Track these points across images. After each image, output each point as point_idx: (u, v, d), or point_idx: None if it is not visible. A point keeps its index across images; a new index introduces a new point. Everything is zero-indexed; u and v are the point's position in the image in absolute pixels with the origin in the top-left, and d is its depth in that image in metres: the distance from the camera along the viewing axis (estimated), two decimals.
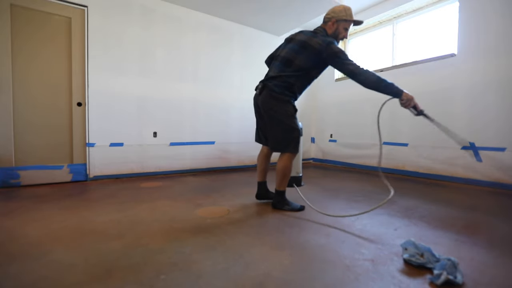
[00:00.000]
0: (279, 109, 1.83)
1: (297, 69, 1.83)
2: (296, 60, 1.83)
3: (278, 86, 1.83)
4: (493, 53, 2.85)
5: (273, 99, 1.83)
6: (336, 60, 1.78)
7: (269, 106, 1.85)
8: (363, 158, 4.19)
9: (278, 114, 1.83)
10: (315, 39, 1.81)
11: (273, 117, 1.85)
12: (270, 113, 1.85)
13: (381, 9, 3.95)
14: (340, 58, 1.77)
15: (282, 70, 1.85)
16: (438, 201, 2.27)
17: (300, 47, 1.84)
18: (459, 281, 1.00)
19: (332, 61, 1.80)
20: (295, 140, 1.87)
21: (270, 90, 1.83)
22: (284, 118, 1.84)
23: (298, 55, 1.83)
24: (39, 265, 1.16)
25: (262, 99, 1.87)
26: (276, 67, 1.88)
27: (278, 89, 1.82)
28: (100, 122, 3.14)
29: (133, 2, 3.33)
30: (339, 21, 1.91)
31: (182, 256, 1.25)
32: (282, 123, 1.84)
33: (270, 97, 1.84)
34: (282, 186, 1.94)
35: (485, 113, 2.91)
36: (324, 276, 1.09)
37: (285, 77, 1.82)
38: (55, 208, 2.01)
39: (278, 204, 1.97)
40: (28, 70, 2.78)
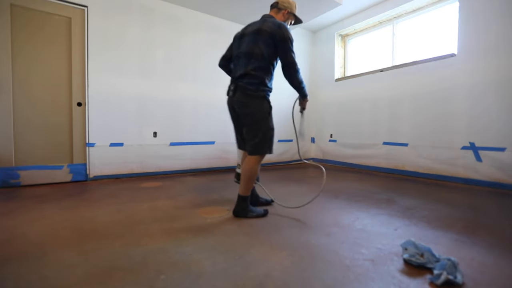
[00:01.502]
0: (255, 107, 1.75)
1: (260, 59, 1.74)
2: (256, 49, 1.73)
3: (251, 83, 1.74)
4: (493, 53, 2.85)
5: (249, 98, 1.74)
6: (284, 45, 1.73)
7: (245, 105, 1.75)
8: (363, 158, 4.19)
9: (255, 114, 1.75)
10: (266, 24, 1.76)
11: (250, 117, 1.76)
12: (247, 113, 1.76)
13: (381, 9, 3.95)
14: (288, 45, 1.73)
15: (248, 65, 1.75)
16: (438, 201, 2.27)
17: (255, 35, 1.75)
18: (459, 281, 1.00)
19: (280, 44, 1.73)
20: (271, 140, 1.80)
21: (244, 88, 1.74)
22: (261, 118, 1.76)
23: (256, 44, 1.74)
24: (39, 265, 1.16)
25: (237, 99, 1.77)
26: (242, 65, 1.78)
27: (253, 86, 1.73)
28: (100, 122, 3.14)
29: (133, 2, 3.33)
30: (290, 14, 1.92)
31: (182, 256, 1.25)
32: (259, 123, 1.76)
33: (246, 96, 1.75)
34: (246, 191, 1.80)
35: (485, 113, 2.91)
36: (324, 276, 1.09)
37: (254, 72, 1.73)
38: (55, 208, 2.01)
39: (241, 211, 1.80)
40: (28, 70, 2.78)
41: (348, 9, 4.18)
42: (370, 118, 4.11)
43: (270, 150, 1.81)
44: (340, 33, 4.75)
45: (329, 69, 4.83)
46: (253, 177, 1.79)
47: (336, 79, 4.71)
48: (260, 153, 1.77)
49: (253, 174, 1.78)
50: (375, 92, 4.02)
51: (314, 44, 5.17)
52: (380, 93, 3.95)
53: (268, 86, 1.81)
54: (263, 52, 1.73)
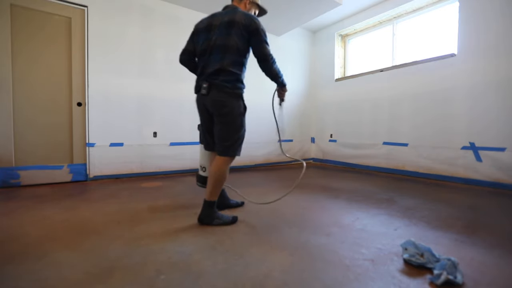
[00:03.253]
0: (233, 107, 1.64)
1: (236, 53, 1.62)
2: (231, 41, 1.60)
3: (227, 80, 1.61)
4: (493, 53, 2.85)
5: (226, 97, 1.62)
6: (258, 37, 1.63)
7: (222, 105, 1.62)
8: (363, 158, 4.19)
9: (232, 114, 1.64)
10: (238, 14, 1.63)
11: (226, 117, 1.64)
12: (224, 113, 1.64)
13: (381, 9, 3.95)
14: (262, 36, 1.64)
15: (223, 60, 1.60)
16: (438, 201, 2.27)
17: (228, 27, 1.61)
18: (459, 281, 1.00)
19: (254, 36, 1.63)
20: (241, 142, 1.71)
21: (221, 86, 1.61)
22: (237, 118, 1.66)
23: (230, 37, 1.60)
24: (39, 265, 1.16)
25: (212, 98, 1.63)
26: (215, 60, 1.62)
27: (230, 84, 1.61)
28: (100, 122, 3.14)
29: (133, 2, 3.33)
30: (253, 3, 1.83)
31: (182, 256, 1.25)
32: (235, 123, 1.66)
33: (223, 94, 1.61)
34: (213, 195, 1.67)
35: (485, 113, 2.91)
36: (324, 276, 1.09)
37: (230, 68, 1.61)
38: (55, 208, 2.01)
39: (206, 218, 1.65)
40: (28, 70, 2.78)
41: (348, 9, 4.18)
42: (370, 118, 4.11)
43: (239, 152, 1.72)
44: (340, 33, 4.75)
45: (329, 69, 4.83)
46: (222, 181, 1.67)
47: (336, 79, 4.71)
48: (231, 154, 1.68)
49: (222, 176, 1.66)
50: (375, 92, 4.02)
51: (314, 44, 5.17)
52: (380, 93, 3.95)
53: (243, 82, 1.71)
54: (238, 45, 1.61)
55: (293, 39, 4.85)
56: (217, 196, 1.69)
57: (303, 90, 5.05)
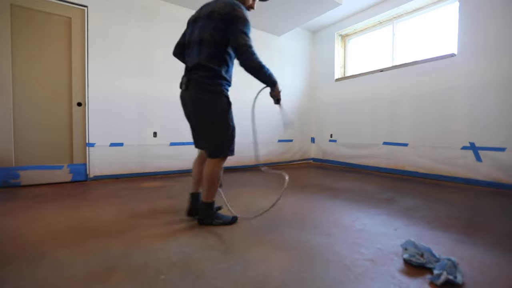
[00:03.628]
0: (212, 104, 1.54)
1: (212, 47, 1.51)
2: (206, 34, 1.51)
3: (205, 76, 1.52)
4: (493, 53, 2.85)
5: (205, 93, 1.53)
6: (234, 26, 1.46)
7: (200, 102, 1.54)
8: (363, 158, 4.19)
9: (213, 112, 1.55)
10: (219, 3, 1.52)
11: (206, 116, 1.56)
12: (202, 111, 1.56)
13: (381, 9, 3.95)
14: (239, 25, 1.46)
15: (200, 54, 1.53)
16: (438, 201, 2.27)
17: (208, 18, 1.53)
18: (459, 281, 1.00)
19: (230, 25, 1.47)
20: (232, 141, 1.62)
21: (199, 82, 1.53)
22: (219, 116, 1.56)
23: (207, 29, 1.52)
24: (39, 265, 1.16)
25: (190, 95, 1.56)
26: (194, 54, 1.56)
27: (208, 80, 1.52)
28: (100, 122, 3.14)
29: (133, 2, 3.33)
30: None
31: (182, 256, 1.25)
32: (217, 122, 1.56)
33: (201, 91, 1.53)
34: (210, 196, 1.64)
35: (485, 113, 2.91)
36: (324, 276, 1.08)
37: (207, 62, 1.51)
38: (55, 208, 2.01)
39: (206, 219, 1.64)
40: (28, 70, 2.78)
41: (348, 9, 4.18)
42: (370, 118, 4.11)
43: (231, 151, 1.62)
44: (340, 33, 4.75)
45: (329, 69, 4.83)
46: (216, 182, 1.63)
47: (336, 79, 4.71)
48: (220, 155, 1.59)
49: (215, 178, 1.61)
50: (375, 92, 4.02)
51: (314, 44, 5.17)
52: (380, 93, 3.95)
53: (226, 78, 1.59)
54: (215, 37, 1.50)
55: (293, 39, 4.85)
56: (214, 196, 1.66)
57: (303, 90, 5.05)
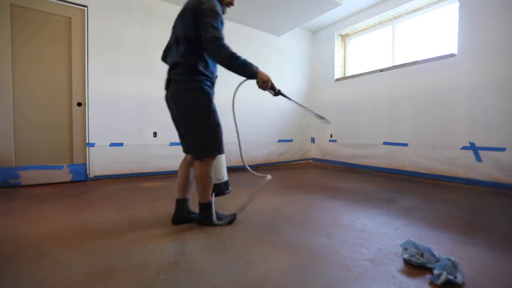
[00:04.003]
0: (191, 102, 1.49)
1: (187, 43, 1.47)
2: (180, 31, 1.50)
3: (182, 74, 1.48)
4: (493, 53, 2.85)
5: (183, 91, 1.49)
6: (201, 19, 1.40)
7: (179, 101, 1.51)
8: (363, 158, 4.19)
9: (192, 110, 1.50)
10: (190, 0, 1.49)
11: (186, 115, 1.52)
12: (182, 110, 1.52)
13: (381, 9, 3.95)
14: (206, 18, 1.39)
15: (177, 52, 1.51)
16: (438, 201, 2.27)
17: (181, 16, 1.51)
18: (459, 281, 1.00)
19: (198, 19, 1.41)
20: (218, 139, 1.55)
21: (176, 81, 1.51)
22: (200, 114, 1.50)
23: (181, 26, 1.50)
24: (39, 265, 1.16)
25: (171, 94, 1.53)
26: (173, 54, 1.55)
27: (183, 77, 1.48)
28: (100, 122, 3.14)
29: (133, 2, 3.33)
30: None
31: (182, 256, 1.25)
32: (198, 121, 1.51)
33: (179, 90, 1.50)
34: (205, 197, 1.60)
35: (485, 113, 2.91)
36: (324, 276, 1.08)
37: (182, 59, 1.48)
38: (55, 208, 2.01)
39: (205, 219, 1.62)
40: (28, 70, 2.78)
41: (348, 9, 4.18)
42: (370, 118, 4.11)
43: (219, 150, 1.56)
44: (340, 33, 4.75)
45: (329, 69, 4.83)
46: (209, 183, 1.59)
47: (336, 79, 4.71)
48: (207, 156, 1.54)
49: (207, 179, 1.57)
50: (375, 92, 4.02)
51: (314, 44, 5.17)
52: (380, 93, 3.95)
53: (205, 74, 1.52)
54: (187, 34, 1.47)
55: (293, 39, 4.85)
56: (210, 196, 1.62)
57: (303, 90, 5.05)
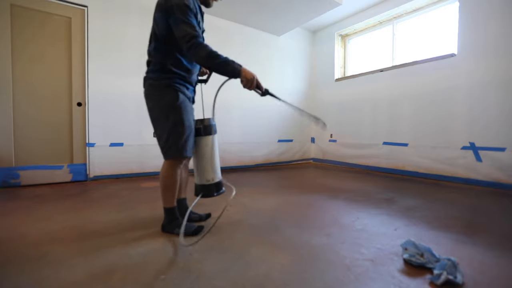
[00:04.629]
0: (158, 100, 1.44)
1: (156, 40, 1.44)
2: (152, 29, 1.47)
3: (151, 71, 1.47)
4: (493, 53, 2.85)
5: (151, 89, 1.46)
6: (173, 17, 1.33)
7: (148, 98, 1.48)
8: (363, 158, 4.19)
9: (158, 107, 1.44)
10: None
11: (152, 112, 1.47)
12: (149, 107, 1.48)
13: (381, 9, 3.95)
14: (177, 14, 1.31)
15: (149, 52, 1.49)
16: (438, 201, 2.27)
17: (154, 12, 1.45)
18: (459, 281, 1.00)
19: (170, 17, 1.34)
20: (182, 140, 1.42)
21: (146, 79, 1.49)
22: (165, 112, 1.42)
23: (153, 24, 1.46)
24: (39, 265, 1.16)
25: (144, 92, 1.51)
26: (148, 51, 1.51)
27: (154, 74, 1.45)
28: (100, 122, 3.14)
29: (133, 2, 3.33)
30: None
31: (182, 256, 1.25)
32: (163, 118, 1.43)
33: (148, 87, 1.47)
34: (166, 202, 1.52)
35: (485, 113, 2.91)
36: (324, 276, 1.08)
37: (151, 58, 1.47)
38: (55, 208, 2.01)
39: (167, 225, 1.53)
40: (28, 70, 2.78)
41: (348, 9, 4.18)
42: (370, 118, 4.11)
43: (183, 152, 1.43)
44: (340, 33, 4.75)
45: (329, 69, 4.83)
46: (170, 186, 1.50)
47: (336, 79, 4.71)
48: (172, 156, 1.45)
49: (169, 182, 1.49)
50: (375, 92, 4.02)
51: (314, 44, 5.17)
52: (380, 93, 3.95)
53: (175, 72, 1.45)
54: (156, 31, 1.43)
55: (293, 39, 4.85)
56: (172, 202, 1.53)
57: (303, 90, 5.05)
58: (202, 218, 1.78)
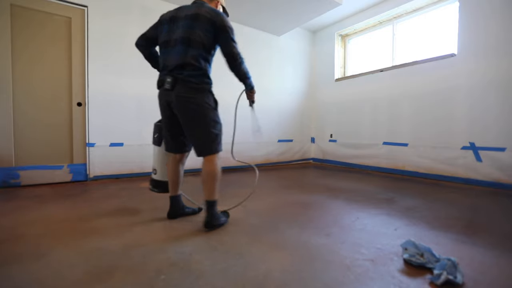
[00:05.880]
0: (202, 103, 1.57)
1: (201, 48, 1.57)
2: (195, 35, 1.55)
3: (193, 75, 1.55)
4: (493, 53, 2.85)
5: (193, 91, 1.55)
6: (225, 35, 1.59)
7: (189, 101, 1.55)
8: (363, 158, 4.19)
9: (203, 110, 1.57)
10: (203, 9, 1.58)
11: (196, 114, 1.56)
12: (191, 110, 1.55)
13: (381, 9, 3.95)
14: (230, 33, 1.59)
15: (186, 54, 1.55)
16: (438, 201, 2.27)
17: (192, 20, 1.56)
18: (459, 281, 1.00)
19: (221, 33, 1.58)
20: (221, 135, 1.66)
21: (186, 82, 1.54)
22: (208, 113, 1.58)
23: (194, 30, 1.55)
24: (39, 265, 1.16)
25: (177, 94, 1.55)
26: (177, 53, 1.57)
27: (196, 79, 1.55)
28: (100, 122, 3.14)
29: (133, 2, 3.33)
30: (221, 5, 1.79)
31: (182, 256, 1.25)
32: (206, 118, 1.58)
33: (189, 90, 1.55)
34: (215, 194, 1.61)
35: (485, 113, 2.91)
36: (324, 276, 1.08)
37: (195, 62, 1.55)
38: (55, 208, 2.01)
39: (214, 220, 1.59)
40: (28, 70, 2.78)
41: (348, 9, 4.18)
42: (370, 118, 4.11)
43: (221, 147, 1.66)
44: (340, 33, 4.75)
45: (329, 69, 4.83)
46: (219, 177, 1.62)
47: (336, 79, 4.71)
48: (214, 151, 1.61)
49: (219, 174, 1.61)
50: (375, 92, 4.02)
51: (314, 44, 5.17)
52: (380, 93, 3.95)
53: (210, 78, 1.66)
54: (202, 39, 1.56)
55: (293, 39, 4.85)
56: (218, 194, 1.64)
57: (303, 90, 5.05)
58: (195, 211, 1.91)
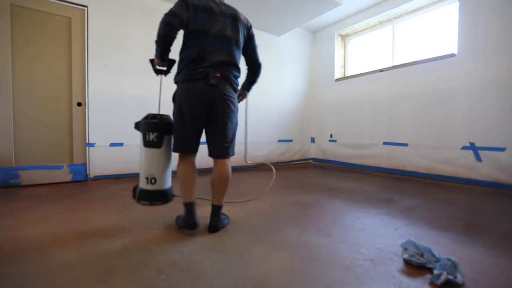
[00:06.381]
0: (236, 104, 1.59)
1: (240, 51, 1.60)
2: (239, 37, 1.54)
3: (236, 76, 1.57)
4: (493, 53, 2.85)
5: (234, 92, 1.57)
6: (255, 43, 1.67)
7: (231, 101, 1.52)
8: (363, 158, 4.19)
9: (235, 111, 1.58)
10: (240, 13, 1.59)
11: (232, 114, 1.54)
12: (230, 111, 1.52)
13: (381, 9, 3.95)
14: (255, 41, 1.68)
15: (233, 53, 1.52)
16: (438, 201, 2.27)
17: (234, 21, 1.53)
18: (459, 281, 1.00)
19: (252, 41, 1.65)
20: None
21: (232, 82, 1.53)
22: (236, 116, 1.61)
23: (238, 32, 1.54)
24: (39, 265, 1.16)
25: (222, 92, 1.47)
26: (224, 50, 1.48)
27: (237, 81, 1.58)
28: (100, 122, 3.14)
29: (133, 2, 3.33)
30: None
31: (182, 256, 1.25)
32: (234, 120, 1.59)
33: (232, 90, 1.54)
34: (224, 199, 1.63)
35: (485, 113, 2.91)
36: (324, 276, 1.08)
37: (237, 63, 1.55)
38: (55, 208, 2.01)
39: (220, 224, 1.58)
40: (28, 70, 2.78)
41: (348, 9, 4.18)
42: (370, 118, 4.11)
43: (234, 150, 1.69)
44: (340, 33, 4.75)
45: (329, 69, 4.83)
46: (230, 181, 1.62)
47: (336, 79, 4.71)
48: (232, 154, 1.62)
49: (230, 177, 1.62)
50: (375, 92, 4.02)
51: (314, 44, 5.17)
52: (380, 93, 3.95)
53: None
54: (242, 44, 1.60)
55: (293, 39, 4.85)
56: None
57: (303, 90, 5.05)
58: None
